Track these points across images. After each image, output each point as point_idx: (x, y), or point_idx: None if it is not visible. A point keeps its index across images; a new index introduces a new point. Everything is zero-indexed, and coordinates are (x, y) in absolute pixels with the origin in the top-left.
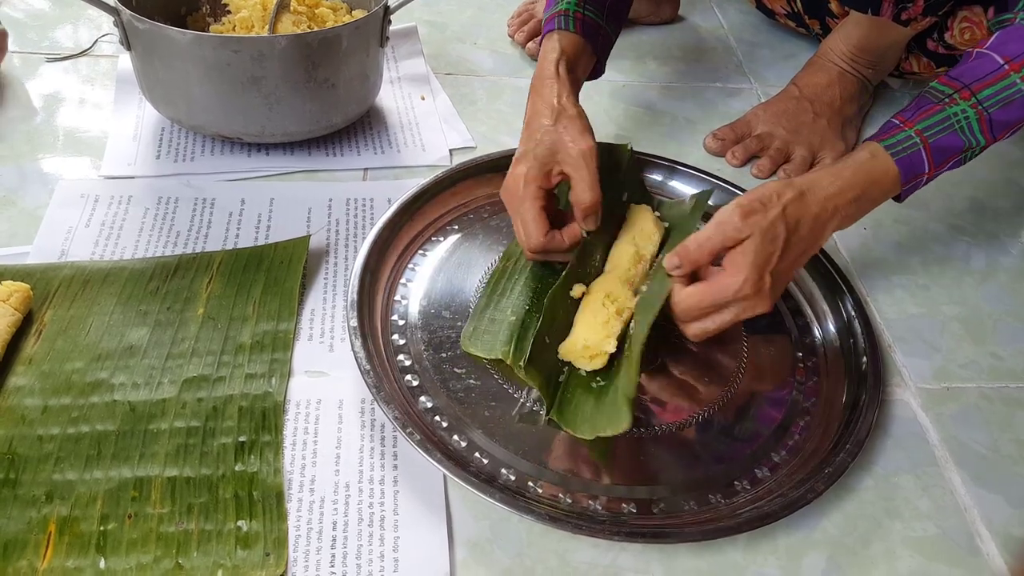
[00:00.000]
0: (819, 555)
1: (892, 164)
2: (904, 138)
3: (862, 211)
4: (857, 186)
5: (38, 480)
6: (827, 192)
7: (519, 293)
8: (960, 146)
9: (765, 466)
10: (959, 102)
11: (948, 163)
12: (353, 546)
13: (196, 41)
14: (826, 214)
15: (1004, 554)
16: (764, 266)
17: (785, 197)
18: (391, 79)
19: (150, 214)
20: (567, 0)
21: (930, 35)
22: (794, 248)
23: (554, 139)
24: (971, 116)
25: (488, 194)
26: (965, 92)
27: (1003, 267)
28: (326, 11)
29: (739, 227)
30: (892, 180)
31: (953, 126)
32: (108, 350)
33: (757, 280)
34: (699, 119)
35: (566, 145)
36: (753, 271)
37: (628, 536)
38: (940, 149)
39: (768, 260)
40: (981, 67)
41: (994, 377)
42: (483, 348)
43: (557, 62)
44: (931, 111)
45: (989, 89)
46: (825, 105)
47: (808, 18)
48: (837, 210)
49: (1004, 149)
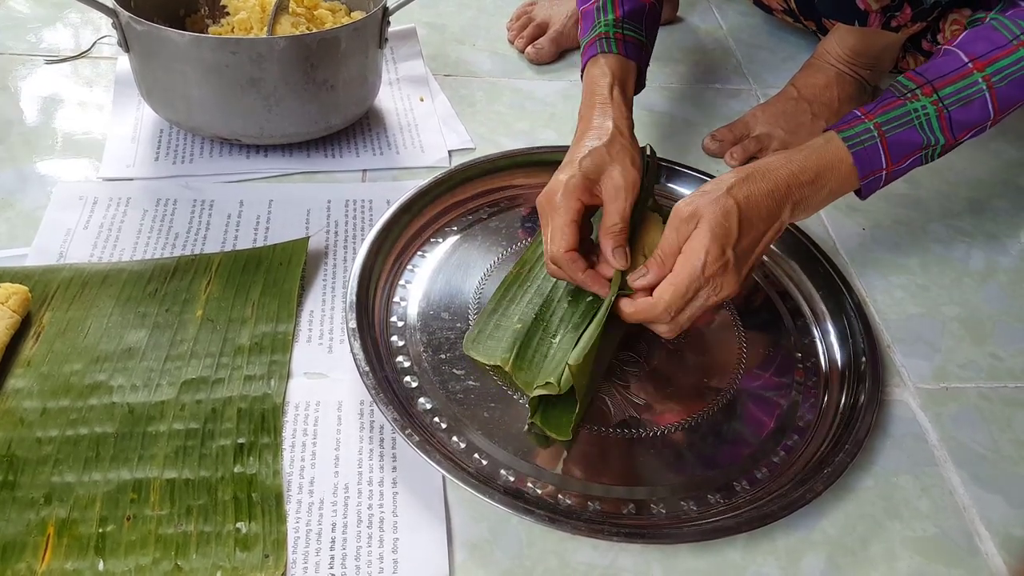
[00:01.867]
0: (818, 555)
1: (847, 153)
2: (862, 130)
3: (819, 198)
4: (810, 169)
5: (37, 482)
6: (779, 173)
7: (528, 301)
8: (919, 142)
9: (764, 467)
10: (920, 98)
11: (907, 160)
12: (352, 547)
13: (195, 43)
14: (780, 192)
15: (1003, 554)
16: (724, 239)
17: (728, 180)
18: (390, 80)
19: (149, 216)
20: (604, 22)
21: (924, 36)
22: (754, 225)
23: (604, 160)
24: (931, 113)
25: (488, 196)
26: (927, 88)
27: (1002, 267)
28: (325, 12)
29: (686, 217)
30: (848, 169)
31: (912, 122)
32: (107, 352)
33: (719, 254)
34: (697, 120)
35: (612, 171)
36: (713, 244)
37: (627, 537)
38: (898, 144)
39: (727, 234)
40: (946, 64)
41: (993, 377)
42: (485, 353)
43: (611, 86)
44: (892, 105)
45: (951, 87)
46: (823, 106)
47: (805, 18)
48: (791, 190)
49: (1001, 148)
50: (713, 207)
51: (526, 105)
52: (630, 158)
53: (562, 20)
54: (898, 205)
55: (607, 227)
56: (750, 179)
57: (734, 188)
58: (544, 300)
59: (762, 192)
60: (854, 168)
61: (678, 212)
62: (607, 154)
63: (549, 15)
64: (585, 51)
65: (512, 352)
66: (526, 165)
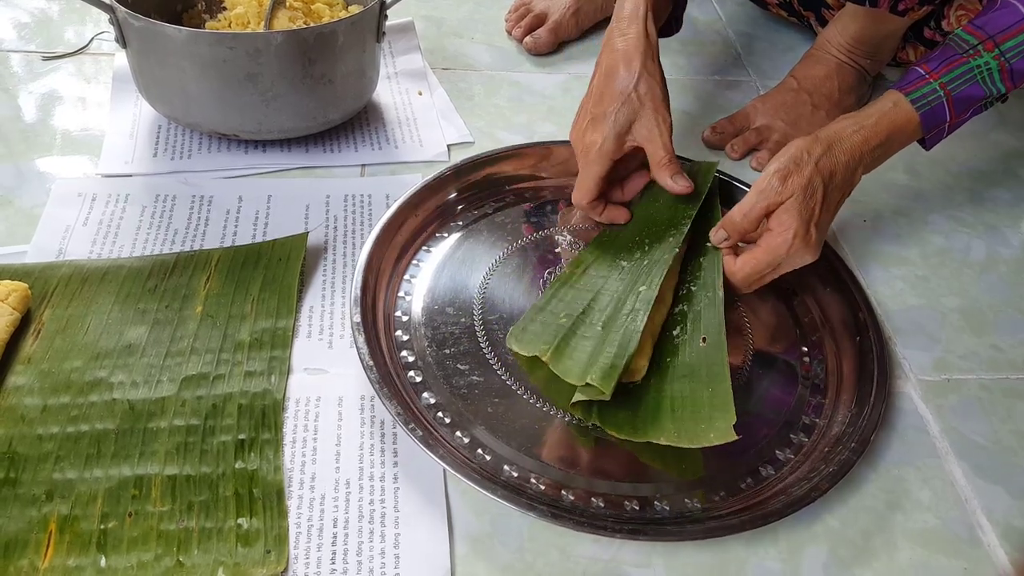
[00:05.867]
0: (820, 548)
1: (915, 114)
2: (929, 91)
3: (886, 156)
4: (881, 134)
5: (38, 479)
6: (853, 141)
7: (576, 298)
8: (981, 95)
9: (769, 464)
10: (983, 54)
11: (969, 111)
12: (354, 543)
13: (192, 38)
14: (854, 161)
15: (1005, 545)
16: (809, 219)
17: (815, 153)
18: (388, 75)
19: (147, 212)
20: None
21: (927, 24)
22: (831, 198)
23: (634, 108)
24: (993, 67)
25: (494, 191)
26: (989, 43)
27: (1003, 258)
28: (322, 7)
29: (780, 191)
30: (914, 128)
31: (975, 78)
32: (107, 349)
33: (805, 234)
34: (697, 112)
35: (645, 119)
36: (801, 225)
37: (630, 534)
38: (962, 100)
39: (812, 213)
40: (1005, 17)
41: (994, 368)
42: (525, 345)
43: (645, 16)
44: (956, 63)
45: (1012, 40)
46: (824, 97)
47: (803, 9)
48: (863, 156)
49: (1002, 139)
50: (803, 185)
51: (525, 98)
52: (660, 98)
53: (560, 11)
54: (899, 196)
55: (656, 162)
56: (831, 152)
57: (821, 162)
58: (593, 297)
59: (841, 163)
60: (920, 126)
61: (770, 182)
62: (637, 100)
63: (547, 6)
64: None
65: (552, 344)
66: (534, 160)
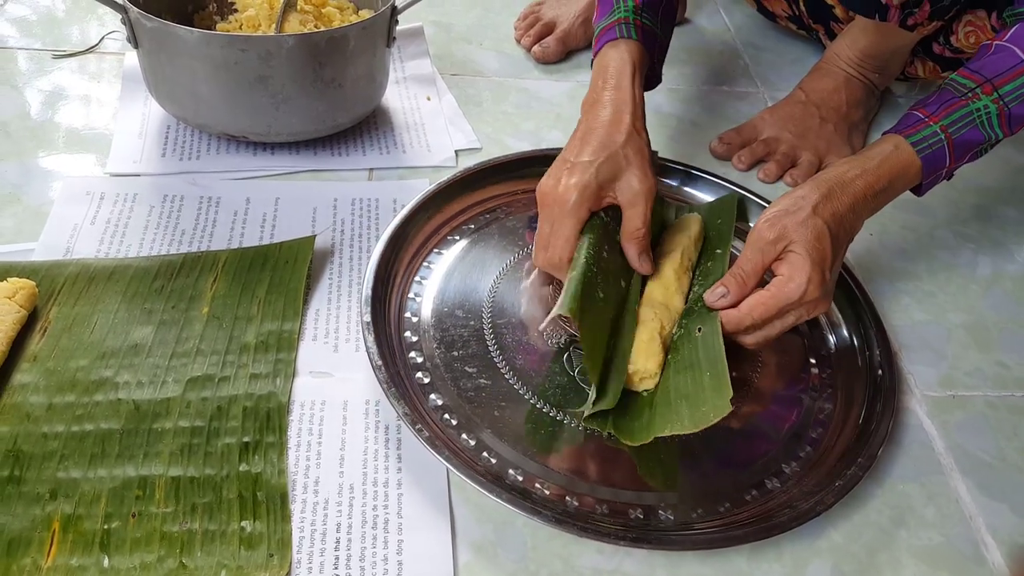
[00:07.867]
0: (824, 563)
1: (916, 158)
2: (930, 134)
3: (886, 202)
4: (883, 178)
5: (42, 478)
6: (856, 185)
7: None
8: (980, 140)
9: (775, 477)
10: (981, 97)
11: (966, 157)
12: (357, 548)
13: (203, 39)
14: (859, 205)
15: (1009, 563)
16: (823, 264)
17: (811, 198)
18: (397, 79)
19: (155, 212)
20: (624, 8)
21: (935, 39)
22: (841, 243)
23: (620, 165)
24: (992, 111)
25: (506, 196)
26: (987, 87)
27: (1009, 275)
28: (333, 11)
29: (773, 239)
30: (915, 172)
31: (975, 121)
32: (113, 348)
33: (821, 281)
34: (705, 122)
35: (630, 177)
36: (816, 271)
37: (634, 542)
38: (962, 144)
39: (824, 258)
40: (1003, 61)
41: (1000, 385)
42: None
43: (633, 76)
44: (955, 106)
45: (1010, 84)
46: (832, 110)
47: (812, 22)
48: (867, 201)
49: (1010, 155)
50: (803, 230)
51: (532, 105)
52: (646, 161)
53: (569, 20)
54: (905, 211)
55: (629, 232)
56: (832, 196)
57: (820, 207)
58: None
59: (845, 207)
60: (920, 171)
61: (761, 233)
62: (623, 157)
63: (556, 14)
64: (602, 35)
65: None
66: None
